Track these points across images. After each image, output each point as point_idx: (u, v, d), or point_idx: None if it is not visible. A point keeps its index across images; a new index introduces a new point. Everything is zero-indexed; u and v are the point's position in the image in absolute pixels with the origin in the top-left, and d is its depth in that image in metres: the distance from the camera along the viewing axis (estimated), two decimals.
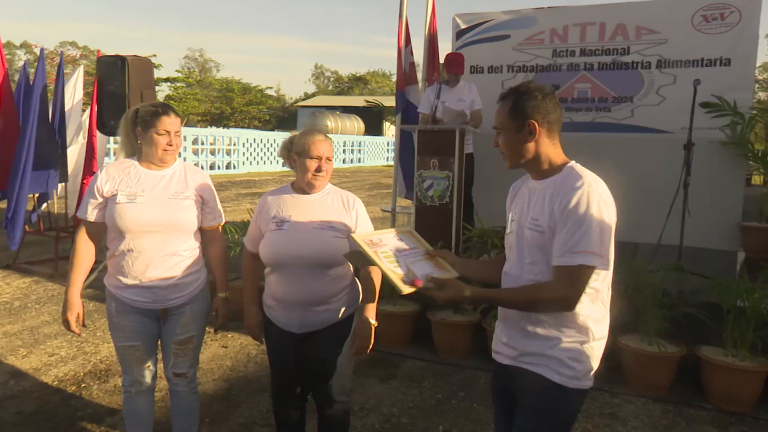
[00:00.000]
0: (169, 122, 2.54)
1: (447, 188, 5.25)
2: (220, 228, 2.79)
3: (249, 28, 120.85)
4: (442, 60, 6.54)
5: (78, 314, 2.58)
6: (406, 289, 1.90)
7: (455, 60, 5.99)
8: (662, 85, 6.21)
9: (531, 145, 1.86)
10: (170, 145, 2.55)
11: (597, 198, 1.72)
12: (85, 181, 6.50)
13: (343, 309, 2.53)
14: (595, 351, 1.84)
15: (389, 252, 2.02)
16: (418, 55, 6.99)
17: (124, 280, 2.56)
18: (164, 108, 2.57)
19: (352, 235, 2.21)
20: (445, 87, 5.87)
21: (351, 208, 2.55)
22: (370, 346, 2.51)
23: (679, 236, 4.89)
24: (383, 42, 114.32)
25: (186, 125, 33.00)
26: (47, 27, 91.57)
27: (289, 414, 2.73)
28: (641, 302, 4.07)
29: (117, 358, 2.80)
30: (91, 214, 2.55)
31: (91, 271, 6.09)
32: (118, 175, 2.55)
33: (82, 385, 3.90)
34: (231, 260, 2.90)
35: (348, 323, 2.56)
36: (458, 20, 7.06)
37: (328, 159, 2.50)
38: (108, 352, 4.42)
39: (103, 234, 2.60)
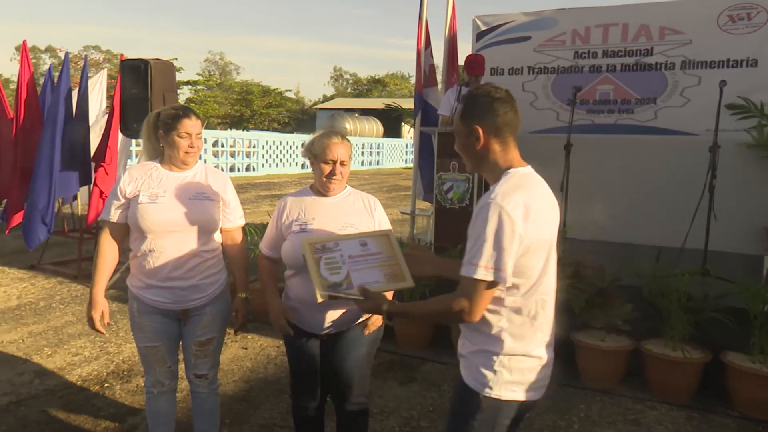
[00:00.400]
0: (190, 125, 2.57)
1: (467, 191, 5.24)
2: (240, 229, 2.81)
3: (268, 31, 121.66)
4: (461, 62, 6.53)
5: (102, 312, 2.62)
6: (320, 298, 2.04)
7: (475, 61, 5.97)
8: (687, 86, 6.12)
9: (479, 151, 1.86)
10: (191, 148, 2.59)
11: (499, 213, 1.70)
12: (95, 175, 6.56)
13: None
14: (513, 364, 1.83)
15: (336, 258, 2.12)
16: (438, 57, 7.00)
17: (145, 280, 2.59)
18: (185, 111, 2.60)
19: (303, 239, 2.23)
20: (466, 89, 5.86)
21: (373, 211, 2.57)
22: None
23: (704, 240, 4.82)
24: (402, 44, 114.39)
25: (206, 128, 33.29)
26: (71, 31, 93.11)
27: (308, 415, 2.74)
28: (665, 307, 4.02)
29: (139, 358, 2.83)
30: (114, 214, 2.59)
31: (114, 271, 6.20)
32: (141, 176, 2.59)
33: (105, 385, 3.95)
34: (251, 261, 2.91)
35: (367, 324, 2.57)
36: (478, 22, 7.03)
37: (343, 163, 2.50)
38: (130, 352, 4.47)
39: (126, 235, 2.64)
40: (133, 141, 9.37)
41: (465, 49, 6.79)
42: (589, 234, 5.79)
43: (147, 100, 5.54)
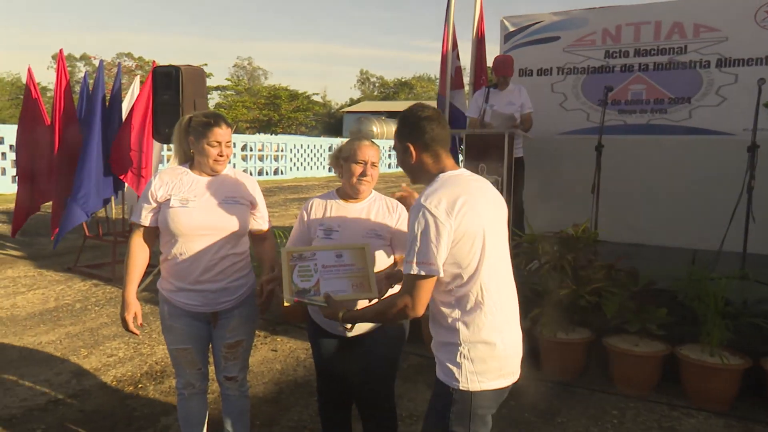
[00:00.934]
0: (221, 133, 2.59)
1: None
2: (268, 232, 2.83)
3: (295, 37, 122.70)
4: (489, 63, 6.49)
5: (135, 314, 2.65)
6: (285, 302, 2.25)
7: (504, 62, 5.92)
8: (722, 84, 5.99)
9: (415, 165, 2.06)
10: (221, 156, 2.61)
11: (422, 213, 1.88)
12: (123, 177, 6.69)
13: None
14: (473, 354, 1.95)
15: (310, 267, 2.30)
16: (464, 59, 6.96)
17: (176, 283, 2.62)
18: (216, 119, 2.62)
19: (282, 248, 2.40)
20: (494, 90, 5.82)
21: (394, 212, 2.58)
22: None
23: (743, 243, 4.69)
24: (428, 46, 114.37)
25: (235, 132, 33.68)
26: (104, 39, 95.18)
27: (335, 418, 2.74)
28: (701, 311, 3.92)
29: (170, 360, 2.87)
30: (145, 218, 2.62)
31: (147, 274, 6.31)
32: (171, 180, 2.62)
33: (139, 386, 4.02)
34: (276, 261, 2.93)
35: (392, 328, 2.56)
36: (506, 23, 6.99)
37: (374, 164, 2.53)
38: (163, 353, 4.54)
39: (157, 238, 2.67)
40: (164, 146, 9.53)
41: (493, 51, 6.76)
42: (621, 237, 5.71)
43: (178, 105, 5.62)
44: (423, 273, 1.87)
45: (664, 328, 3.98)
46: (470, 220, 1.89)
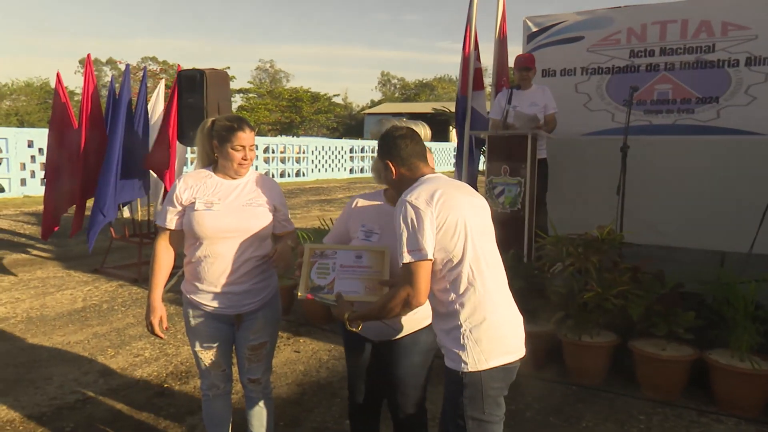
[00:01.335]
0: (244, 137, 2.61)
1: (518, 194, 5.15)
2: (291, 233, 2.83)
3: (317, 39, 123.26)
4: (511, 64, 6.45)
5: (161, 317, 2.68)
6: (300, 296, 2.37)
7: (524, 57, 5.89)
8: (752, 83, 5.87)
9: (394, 178, 2.28)
10: (245, 160, 2.63)
11: (405, 206, 2.07)
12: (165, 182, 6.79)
13: (426, 318, 2.51)
14: (477, 334, 2.05)
15: (328, 265, 2.37)
16: (486, 60, 6.92)
17: (200, 285, 2.64)
18: (239, 123, 2.63)
19: (306, 244, 2.49)
20: (517, 91, 5.77)
21: None
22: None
23: None
24: (449, 48, 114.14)
25: (257, 134, 33.96)
26: (129, 44, 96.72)
27: (365, 421, 2.74)
28: (730, 315, 3.85)
29: (194, 361, 2.89)
30: (170, 221, 2.65)
31: (171, 275, 6.39)
32: (196, 184, 2.64)
33: (165, 385, 4.07)
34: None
35: (424, 333, 2.54)
36: (529, 23, 6.94)
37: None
38: (188, 354, 4.59)
39: (182, 240, 2.69)
40: (188, 148, 9.63)
41: (515, 52, 6.71)
42: (647, 239, 5.62)
43: (202, 108, 5.68)
44: (413, 259, 2.02)
45: (692, 332, 3.91)
46: (449, 209, 2.07)
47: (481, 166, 7.11)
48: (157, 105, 7.52)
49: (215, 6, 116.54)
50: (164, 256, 2.68)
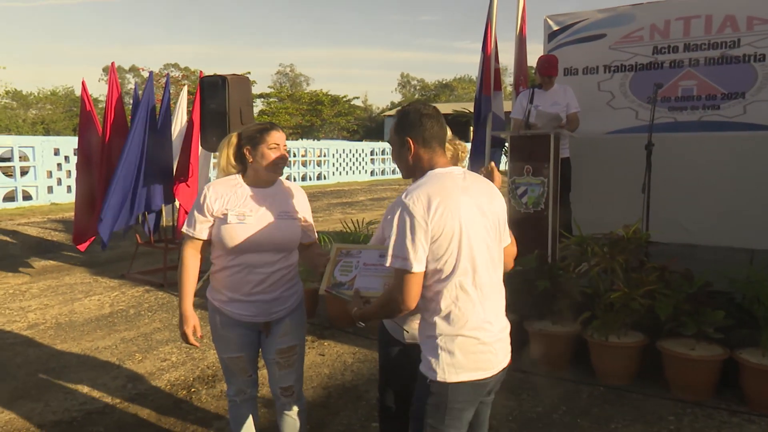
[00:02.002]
0: (278, 136, 2.63)
1: (542, 195, 5.13)
2: (314, 243, 2.85)
3: (335, 42, 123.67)
4: (531, 63, 6.42)
5: (194, 327, 2.65)
6: (320, 292, 2.40)
7: (548, 62, 5.85)
8: None
9: (410, 159, 2.14)
10: (281, 158, 2.62)
11: (402, 210, 1.99)
12: (176, 189, 6.86)
13: None
14: (451, 346, 2.02)
15: (352, 263, 2.40)
16: (505, 60, 6.88)
17: (229, 294, 2.65)
18: (270, 124, 2.66)
19: (335, 244, 2.54)
20: (539, 91, 5.74)
21: None
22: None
23: None
24: (468, 48, 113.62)
25: None
26: (151, 51, 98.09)
27: (394, 425, 2.74)
28: (761, 314, 3.79)
29: (221, 367, 2.91)
30: (201, 231, 2.62)
31: (199, 280, 6.46)
32: (226, 193, 2.61)
33: (192, 390, 4.12)
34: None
35: None
36: (550, 22, 6.89)
37: None
38: (214, 358, 4.64)
39: (208, 248, 2.70)
40: (211, 154, 9.74)
41: (535, 51, 6.68)
42: (673, 237, 5.55)
43: (225, 114, 5.76)
44: (396, 265, 1.98)
45: (721, 331, 3.86)
46: (446, 220, 1.97)
47: (503, 166, 7.09)
48: (181, 111, 7.62)
49: (234, 11, 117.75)
50: (193, 265, 2.67)
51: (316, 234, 2.87)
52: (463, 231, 2.00)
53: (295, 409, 2.86)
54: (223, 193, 2.61)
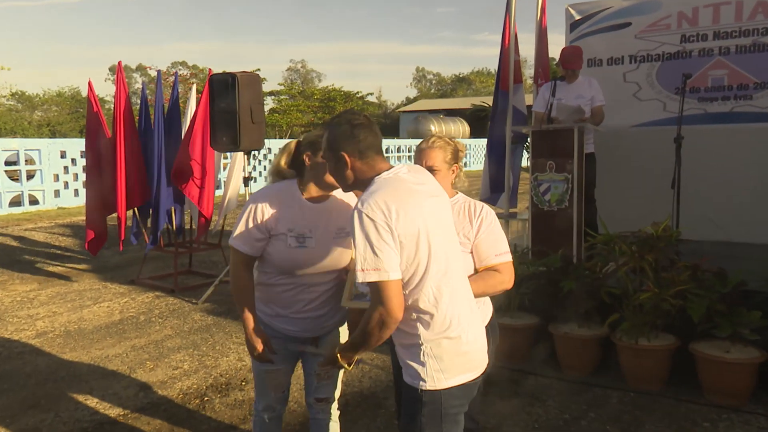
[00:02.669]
0: None
1: (566, 191, 5.10)
2: None
3: (348, 37, 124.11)
4: (552, 55, 6.38)
5: (265, 343, 2.55)
6: (344, 303, 2.45)
7: (572, 54, 5.80)
8: None
9: (349, 173, 2.10)
10: None
11: (361, 219, 1.93)
12: (188, 189, 6.94)
13: None
14: (436, 351, 2.02)
15: None
16: (525, 51, 6.83)
17: (277, 309, 2.60)
18: None
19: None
20: (561, 83, 5.71)
21: (476, 218, 2.54)
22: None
23: None
24: (486, 40, 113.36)
25: (290, 137, 34.34)
26: (158, 50, 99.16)
27: None
28: None
29: (253, 380, 2.85)
30: (254, 248, 2.52)
31: (209, 285, 6.52)
32: (281, 206, 2.51)
33: (205, 398, 4.15)
34: None
35: None
36: (572, 11, 6.85)
37: (435, 169, 2.51)
38: (227, 365, 4.68)
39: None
40: (221, 154, 9.80)
41: (556, 42, 6.64)
42: (705, 234, 5.50)
43: (235, 113, 5.79)
44: (372, 279, 1.92)
45: (757, 332, 3.81)
46: (409, 223, 1.95)
47: (525, 162, 7.06)
48: (190, 111, 7.68)
49: (243, 7, 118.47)
50: (250, 284, 2.58)
51: None
52: (430, 230, 1.99)
53: (330, 418, 2.84)
54: (278, 207, 2.51)
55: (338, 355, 2.17)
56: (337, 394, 2.87)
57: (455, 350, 2.04)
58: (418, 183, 2.08)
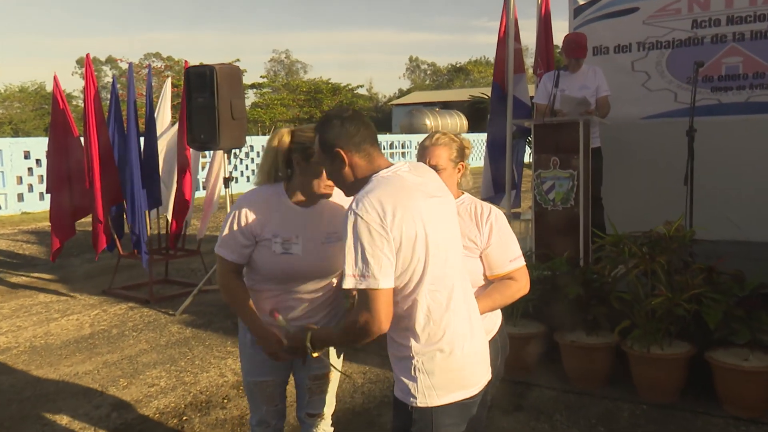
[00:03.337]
0: None
1: (571, 189, 5.12)
2: None
3: (336, 24, 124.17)
4: (556, 42, 6.40)
5: (278, 339, 2.54)
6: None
7: (576, 42, 5.82)
8: None
9: (347, 171, 2.10)
10: (330, 186, 2.46)
11: (354, 221, 1.93)
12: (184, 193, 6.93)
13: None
14: (429, 366, 2.01)
15: None
16: (526, 39, 6.85)
17: (263, 316, 2.59)
18: None
19: None
20: (565, 73, 5.72)
21: (484, 222, 2.52)
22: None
23: None
24: (486, 26, 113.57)
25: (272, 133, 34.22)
26: (129, 41, 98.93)
27: None
28: None
29: (245, 394, 2.85)
30: (242, 255, 2.54)
31: (188, 294, 6.49)
32: (267, 210, 2.52)
33: (184, 418, 4.14)
34: None
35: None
36: None
37: (439, 168, 2.50)
38: (207, 382, 4.66)
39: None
40: (199, 154, 9.77)
41: (558, 28, 6.68)
42: (721, 234, 5.52)
43: (214, 108, 5.78)
44: (360, 286, 1.92)
45: None
46: (406, 224, 1.94)
47: (527, 158, 7.08)
48: (164, 105, 7.65)
49: None
50: (243, 289, 2.59)
51: None
52: (428, 234, 1.98)
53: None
54: (264, 210, 2.52)
55: (308, 336, 2.22)
56: (331, 410, 2.87)
57: (449, 365, 2.02)
58: (418, 182, 2.07)
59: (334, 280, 2.66)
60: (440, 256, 2.02)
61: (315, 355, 2.24)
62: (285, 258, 2.50)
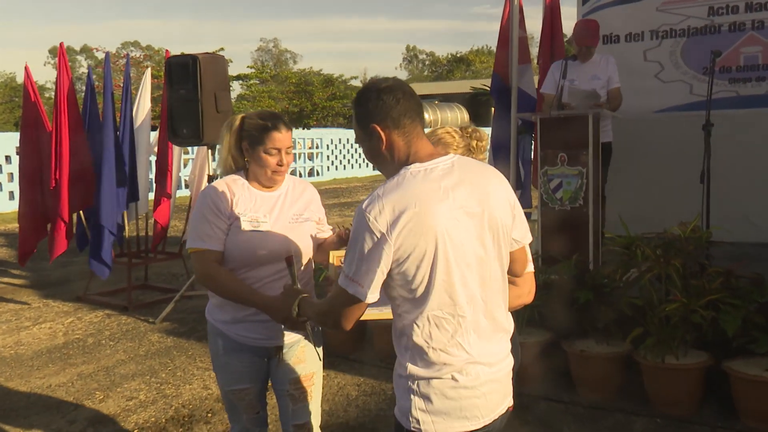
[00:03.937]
0: (280, 138, 2.59)
1: (580, 188, 5.11)
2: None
3: (328, 11, 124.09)
4: (564, 31, 6.40)
5: (289, 302, 2.48)
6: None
7: (587, 29, 5.82)
8: None
9: (385, 150, 1.97)
10: (280, 166, 2.61)
11: (361, 221, 1.87)
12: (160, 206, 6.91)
13: None
14: (426, 390, 1.92)
15: None
16: (531, 26, 6.83)
17: (234, 313, 2.63)
18: (274, 121, 2.61)
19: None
20: (573, 63, 5.72)
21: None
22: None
23: None
24: (488, 13, 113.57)
25: None
26: (104, 29, 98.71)
27: None
28: None
29: (223, 404, 2.88)
30: (221, 240, 2.58)
31: (168, 301, 6.47)
32: (238, 191, 2.63)
33: None
34: None
35: None
36: None
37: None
38: (190, 395, 4.65)
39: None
40: (181, 149, 9.75)
41: (566, 15, 6.68)
42: (740, 235, 5.52)
43: (197, 101, 5.76)
44: (350, 291, 1.89)
45: None
46: (416, 238, 1.83)
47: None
48: (143, 98, 7.63)
49: None
50: (227, 273, 2.59)
51: (329, 227, 2.88)
52: (439, 251, 1.85)
53: None
54: (236, 191, 2.63)
55: (298, 300, 2.30)
56: (318, 420, 2.87)
57: (448, 393, 1.92)
58: (454, 180, 1.91)
59: (306, 268, 2.72)
60: (454, 276, 1.88)
61: (295, 316, 2.32)
62: (255, 235, 2.58)
